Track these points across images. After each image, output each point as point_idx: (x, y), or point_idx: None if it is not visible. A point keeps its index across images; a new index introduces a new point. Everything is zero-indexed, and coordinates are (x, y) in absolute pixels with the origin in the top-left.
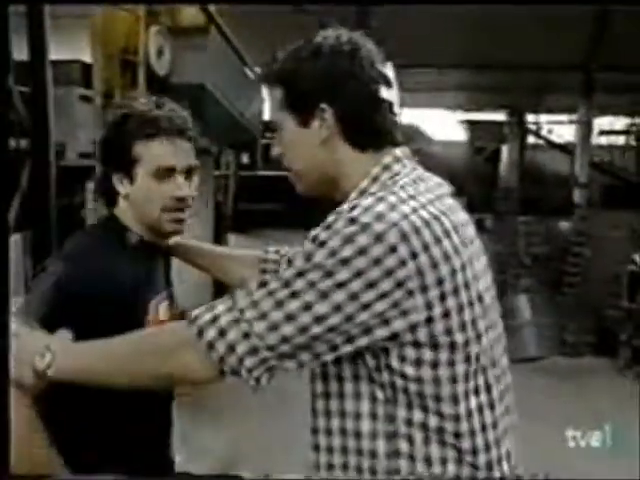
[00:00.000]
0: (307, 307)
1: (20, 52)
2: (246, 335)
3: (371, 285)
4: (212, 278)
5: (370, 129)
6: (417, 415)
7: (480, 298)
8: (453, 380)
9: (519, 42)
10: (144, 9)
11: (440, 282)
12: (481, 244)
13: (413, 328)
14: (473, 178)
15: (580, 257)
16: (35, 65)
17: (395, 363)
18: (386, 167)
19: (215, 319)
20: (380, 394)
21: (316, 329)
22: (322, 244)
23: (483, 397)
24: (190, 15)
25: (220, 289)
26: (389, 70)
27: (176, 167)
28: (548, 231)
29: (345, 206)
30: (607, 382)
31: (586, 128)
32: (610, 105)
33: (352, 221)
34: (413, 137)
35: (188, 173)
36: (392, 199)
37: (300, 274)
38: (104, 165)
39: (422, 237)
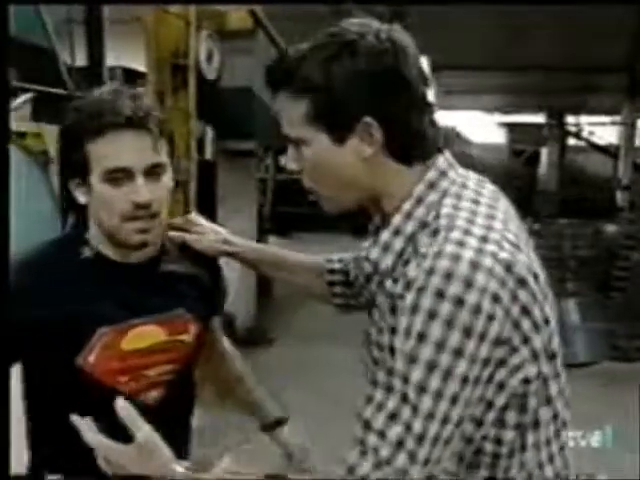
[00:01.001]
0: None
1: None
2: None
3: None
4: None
5: (419, 140)
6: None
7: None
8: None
9: (559, 43)
10: (194, 13)
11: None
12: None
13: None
14: (512, 181)
15: (629, 260)
16: (93, 71)
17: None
18: (431, 185)
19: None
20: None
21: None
22: (432, 315)
23: (548, 409)
24: (238, 18)
25: (264, 290)
26: (426, 66)
27: (132, 168)
28: (594, 234)
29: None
30: None
31: (630, 130)
32: None
33: (449, 276)
34: (452, 140)
35: (150, 174)
36: (473, 242)
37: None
38: (61, 174)
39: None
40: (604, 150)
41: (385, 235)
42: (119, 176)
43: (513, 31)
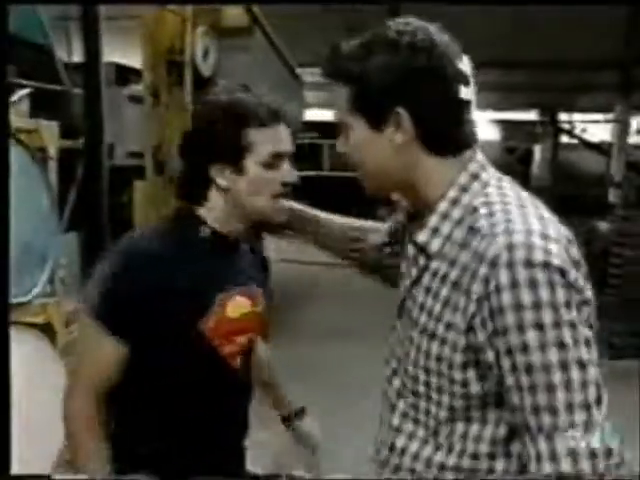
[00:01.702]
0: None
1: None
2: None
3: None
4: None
5: (450, 134)
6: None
7: None
8: None
9: (552, 40)
10: (191, 10)
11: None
12: None
13: None
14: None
15: (622, 258)
16: (89, 67)
17: None
18: (474, 176)
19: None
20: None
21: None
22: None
23: None
24: (234, 15)
25: None
26: (467, 65)
27: (285, 153)
28: (588, 232)
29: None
30: None
31: (622, 127)
32: None
33: (531, 265)
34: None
35: (289, 159)
36: (534, 220)
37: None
38: (199, 157)
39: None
40: (597, 148)
41: (434, 220)
42: (275, 160)
43: (505, 28)
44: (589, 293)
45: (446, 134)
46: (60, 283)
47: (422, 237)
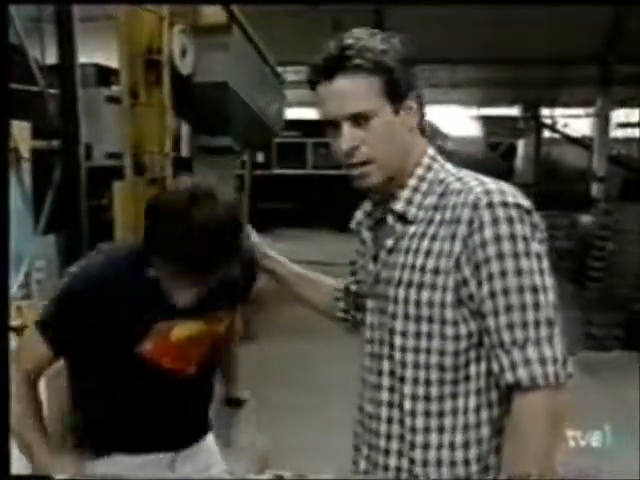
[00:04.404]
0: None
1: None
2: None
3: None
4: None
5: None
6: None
7: None
8: None
9: (533, 36)
10: (168, 9)
11: None
12: None
13: None
14: (488, 174)
15: (604, 251)
16: (65, 67)
17: None
18: (433, 158)
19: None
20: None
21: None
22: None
23: None
24: (212, 13)
25: None
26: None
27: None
28: (571, 225)
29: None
30: (635, 376)
31: (604, 122)
32: (626, 98)
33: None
34: (435, 134)
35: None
36: (501, 183)
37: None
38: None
39: None
40: (579, 142)
41: (406, 193)
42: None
43: (487, 25)
44: (545, 233)
45: (424, 114)
46: (36, 285)
47: (399, 206)
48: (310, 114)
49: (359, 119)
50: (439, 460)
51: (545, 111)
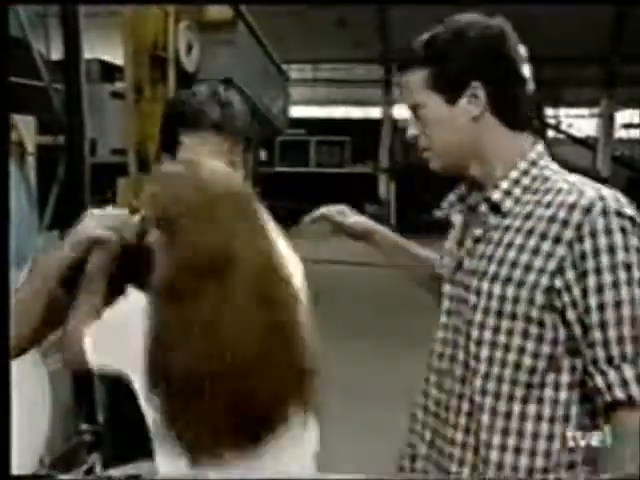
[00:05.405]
0: None
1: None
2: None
3: None
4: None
5: (517, 104)
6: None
7: None
8: None
9: (537, 35)
10: (173, 5)
11: None
12: None
13: None
14: None
15: None
16: (70, 63)
17: None
18: (541, 155)
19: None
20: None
21: None
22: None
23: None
24: (217, 10)
25: None
26: (523, 50)
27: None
28: None
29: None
30: None
31: (608, 122)
32: (631, 98)
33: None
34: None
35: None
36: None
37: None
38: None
39: None
40: (583, 142)
41: (505, 184)
42: None
43: None
44: None
45: (513, 103)
46: None
47: (496, 196)
48: (313, 112)
49: (415, 110)
50: (502, 446)
51: (549, 111)
